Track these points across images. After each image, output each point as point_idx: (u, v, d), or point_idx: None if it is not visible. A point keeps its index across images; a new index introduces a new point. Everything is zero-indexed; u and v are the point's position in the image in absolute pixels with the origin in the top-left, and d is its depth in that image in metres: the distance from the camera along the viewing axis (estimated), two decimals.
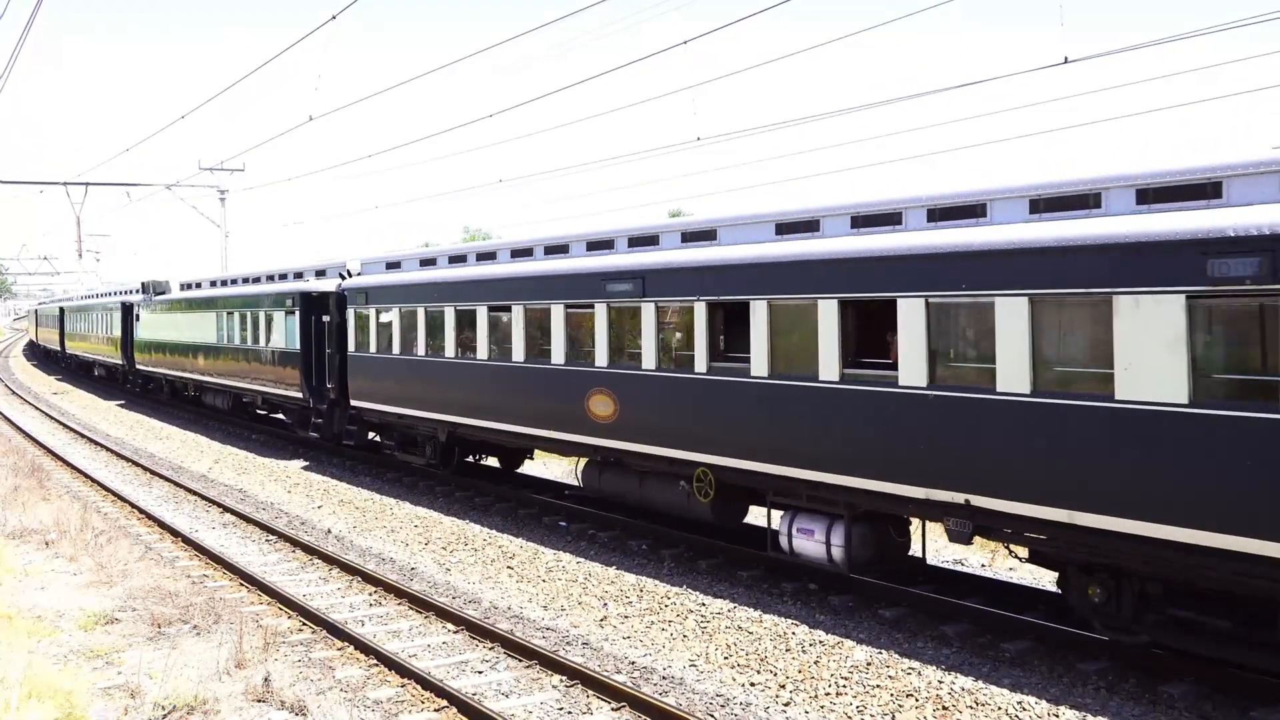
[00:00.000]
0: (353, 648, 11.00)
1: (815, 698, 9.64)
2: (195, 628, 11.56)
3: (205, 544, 15.89)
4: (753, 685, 10.01)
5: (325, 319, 24.02)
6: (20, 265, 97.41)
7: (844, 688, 9.85)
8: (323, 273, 25.30)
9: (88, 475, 22.82)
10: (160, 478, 22.73)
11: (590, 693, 9.72)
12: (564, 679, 10.07)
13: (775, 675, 10.23)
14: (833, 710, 9.35)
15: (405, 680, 9.99)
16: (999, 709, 9.22)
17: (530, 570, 14.40)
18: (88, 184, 44.57)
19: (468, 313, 18.26)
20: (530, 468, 22.08)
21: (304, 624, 11.99)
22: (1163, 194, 9.20)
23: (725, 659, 10.73)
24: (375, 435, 23.03)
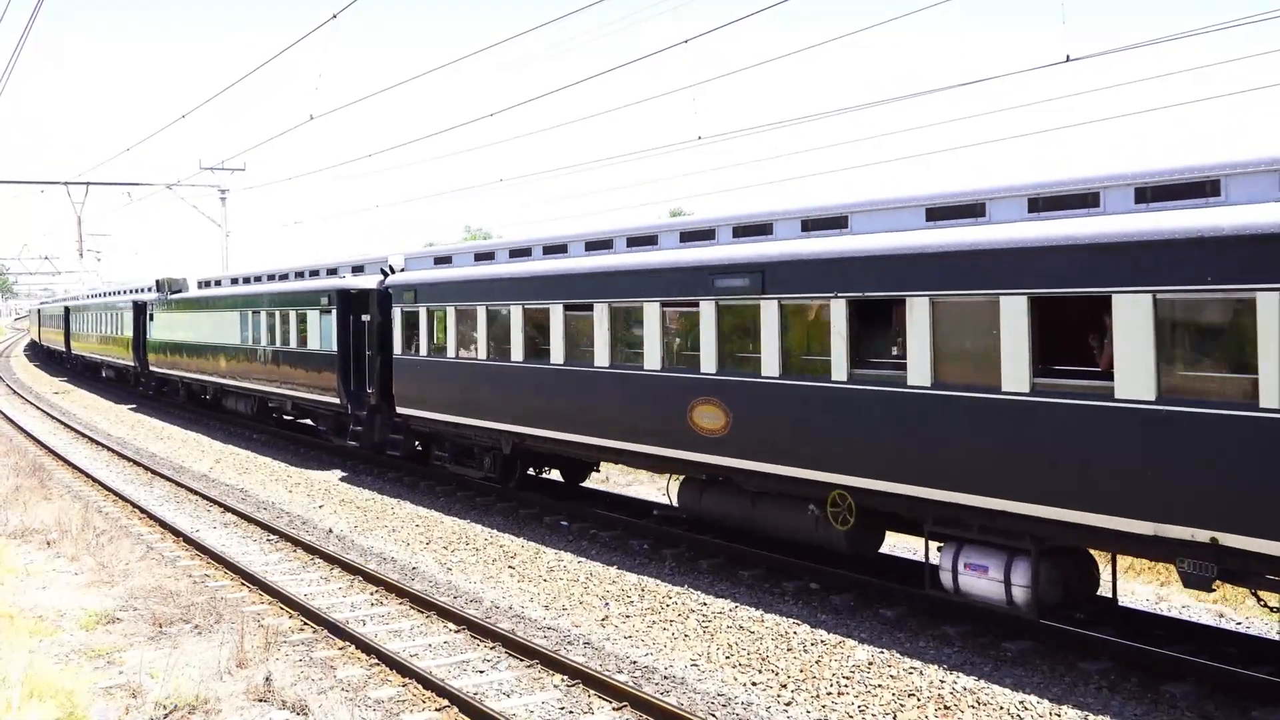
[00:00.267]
0: (354, 647, 11.01)
1: (817, 697, 9.64)
2: (196, 627, 11.57)
3: (207, 544, 15.90)
4: (754, 685, 10.01)
5: (365, 318, 22.07)
6: (21, 265, 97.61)
7: (845, 687, 9.84)
8: (360, 269, 23.43)
9: (89, 475, 22.85)
10: (161, 477, 22.74)
11: (591, 692, 9.72)
12: (565, 678, 10.06)
13: (777, 675, 10.22)
14: (834, 710, 9.35)
15: (406, 680, 10.00)
16: (1001, 708, 9.22)
17: (531, 570, 14.40)
18: (88, 184, 44.69)
19: (539, 312, 16.47)
20: (594, 481, 20.50)
21: (305, 623, 12.00)
22: None
23: (727, 658, 10.73)
24: (419, 444, 21.19)
